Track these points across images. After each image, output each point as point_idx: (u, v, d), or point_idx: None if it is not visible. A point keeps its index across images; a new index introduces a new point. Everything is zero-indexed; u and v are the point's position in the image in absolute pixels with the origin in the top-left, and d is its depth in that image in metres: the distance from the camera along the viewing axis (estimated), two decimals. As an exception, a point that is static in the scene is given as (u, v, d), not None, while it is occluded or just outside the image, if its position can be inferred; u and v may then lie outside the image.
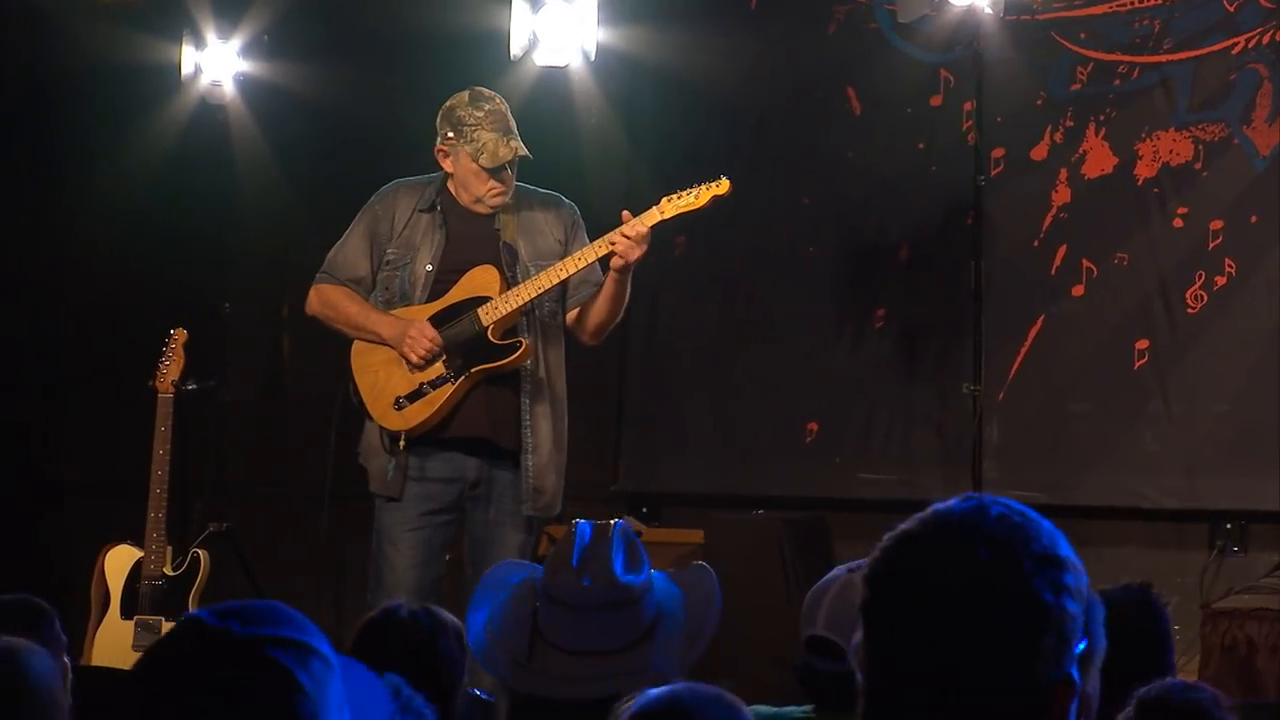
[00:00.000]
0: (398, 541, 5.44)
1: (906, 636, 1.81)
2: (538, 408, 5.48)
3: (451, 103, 5.59)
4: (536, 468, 5.47)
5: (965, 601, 1.78)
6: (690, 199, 5.46)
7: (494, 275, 5.47)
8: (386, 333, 5.48)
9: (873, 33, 7.97)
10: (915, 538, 1.84)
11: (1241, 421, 7.48)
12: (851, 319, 7.98)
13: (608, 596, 2.90)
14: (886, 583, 1.84)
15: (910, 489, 7.83)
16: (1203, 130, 7.54)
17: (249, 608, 1.81)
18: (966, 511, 1.84)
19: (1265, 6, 7.47)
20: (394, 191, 5.65)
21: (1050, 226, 7.70)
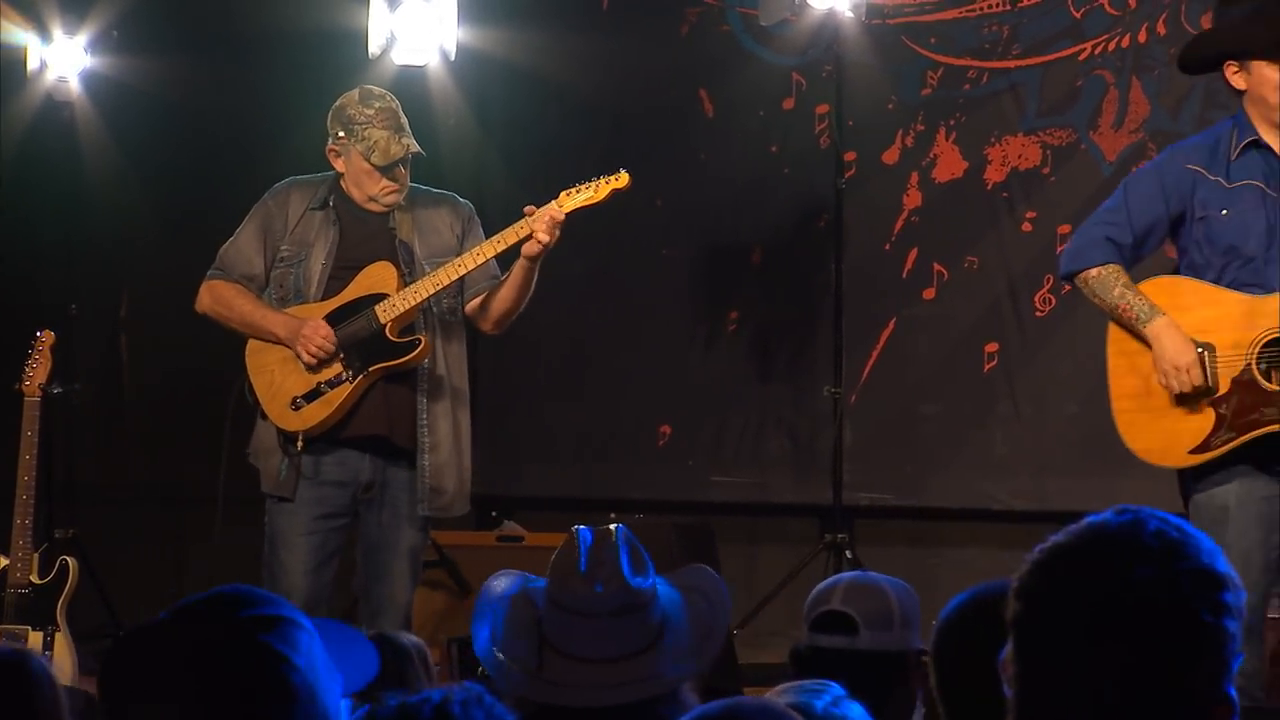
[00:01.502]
0: (291, 545, 5.35)
1: (1060, 653, 1.77)
2: (436, 406, 5.41)
3: (341, 102, 5.51)
4: (434, 467, 5.40)
5: (1121, 620, 1.74)
6: (589, 193, 5.42)
7: (391, 272, 5.39)
8: (281, 331, 5.38)
9: (725, 35, 7.98)
10: (1069, 552, 1.81)
11: (1090, 423, 7.55)
12: (704, 321, 7.98)
13: (620, 602, 2.84)
14: (1039, 598, 1.80)
15: (762, 491, 7.86)
16: (1051, 135, 7.63)
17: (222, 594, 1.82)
18: (1123, 526, 1.80)
19: (1111, 13, 7.57)
20: (286, 189, 5.56)
21: (901, 230, 7.75)
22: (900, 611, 3.30)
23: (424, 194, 5.56)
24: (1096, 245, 4.60)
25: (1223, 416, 4.39)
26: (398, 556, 5.37)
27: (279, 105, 7.66)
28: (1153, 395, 4.50)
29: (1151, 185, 4.59)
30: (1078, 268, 4.63)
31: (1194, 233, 4.50)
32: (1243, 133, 4.47)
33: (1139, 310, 4.48)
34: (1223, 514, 4.35)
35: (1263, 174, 4.42)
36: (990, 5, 7.71)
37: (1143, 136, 7.53)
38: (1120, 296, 4.52)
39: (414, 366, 5.37)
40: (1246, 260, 4.40)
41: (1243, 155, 4.46)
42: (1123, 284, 4.53)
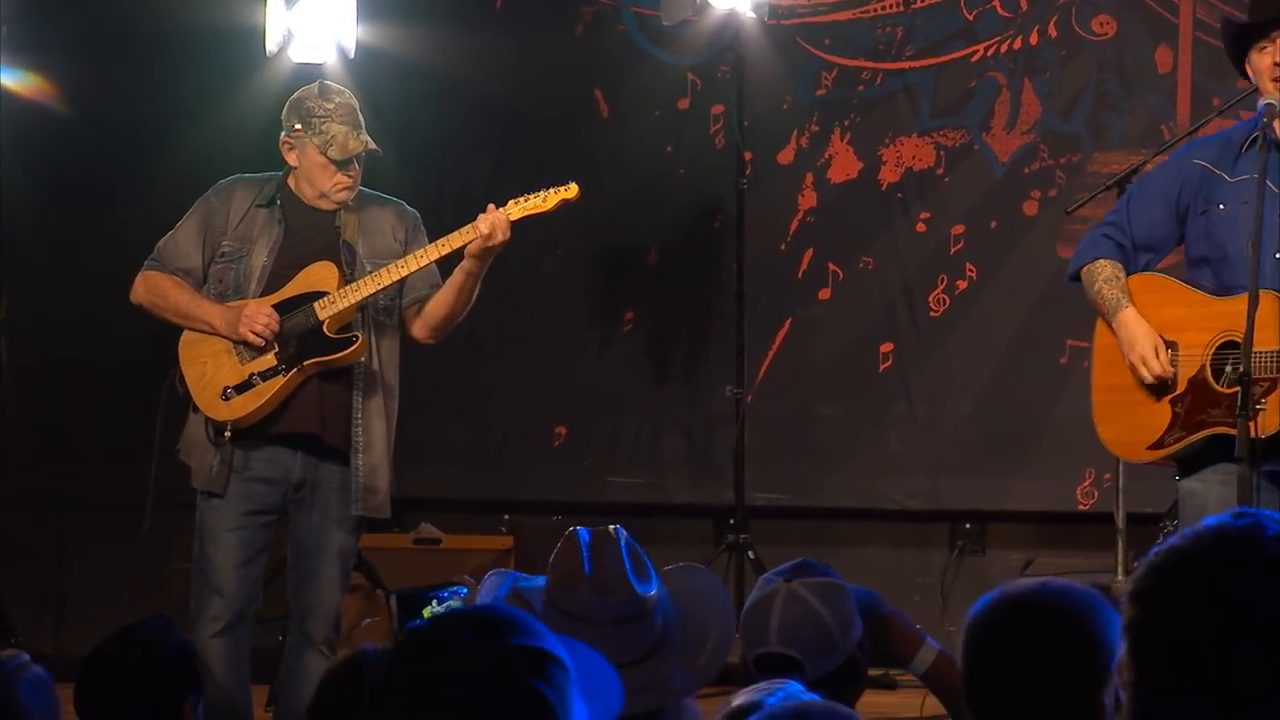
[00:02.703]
0: (219, 541, 5.27)
1: (1179, 658, 1.73)
2: (370, 405, 5.35)
3: (300, 94, 5.45)
4: (369, 466, 5.34)
5: (1242, 625, 1.71)
6: (537, 201, 5.40)
7: (332, 271, 5.33)
8: (218, 321, 5.31)
9: (620, 35, 7.96)
10: (1188, 556, 1.76)
11: (983, 423, 7.62)
12: (600, 322, 7.95)
13: (626, 610, 2.79)
14: (1158, 602, 1.75)
15: (659, 493, 7.84)
16: (944, 136, 7.66)
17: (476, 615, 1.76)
18: (1243, 529, 1.76)
19: (1003, 16, 7.62)
20: (231, 185, 5.48)
21: (797, 230, 7.76)
22: (838, 627, 3.17)
23: (371, 197, 5.52)
24: (1095, 244, 4.63)
25: (1177, 415, 4.42)
26: (328, 559, 5.31)
27: (174, 104, 7.56)
28: (1127, 390, 4.53)
29: (1155, 184, 4.62)
30: (1077, 266, 4.66)
31: (1196, 228, 4.51)
32: (1254, 126, 4.45)
33: (1110, 302, 4.52)
34: (1200, 512, 4.35)
35: (1271, 171, 4.40)
36: (884, 7, 7.73)
37: (1034, 138, 7.59)
38: (1098, 291, 4.56)
39: (349, 365, 5.32)
40: (1239, 256, 4.40)
41: (1251, 148, 4.44)
42: (1104, 278, 4.55)
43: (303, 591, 5.32)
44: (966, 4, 7.66)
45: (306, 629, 5.24)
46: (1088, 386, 7.34)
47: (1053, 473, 7.53)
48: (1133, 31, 7.55)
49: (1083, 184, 7.49)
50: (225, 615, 5.19)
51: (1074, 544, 7.35)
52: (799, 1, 7.68)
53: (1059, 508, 7.51)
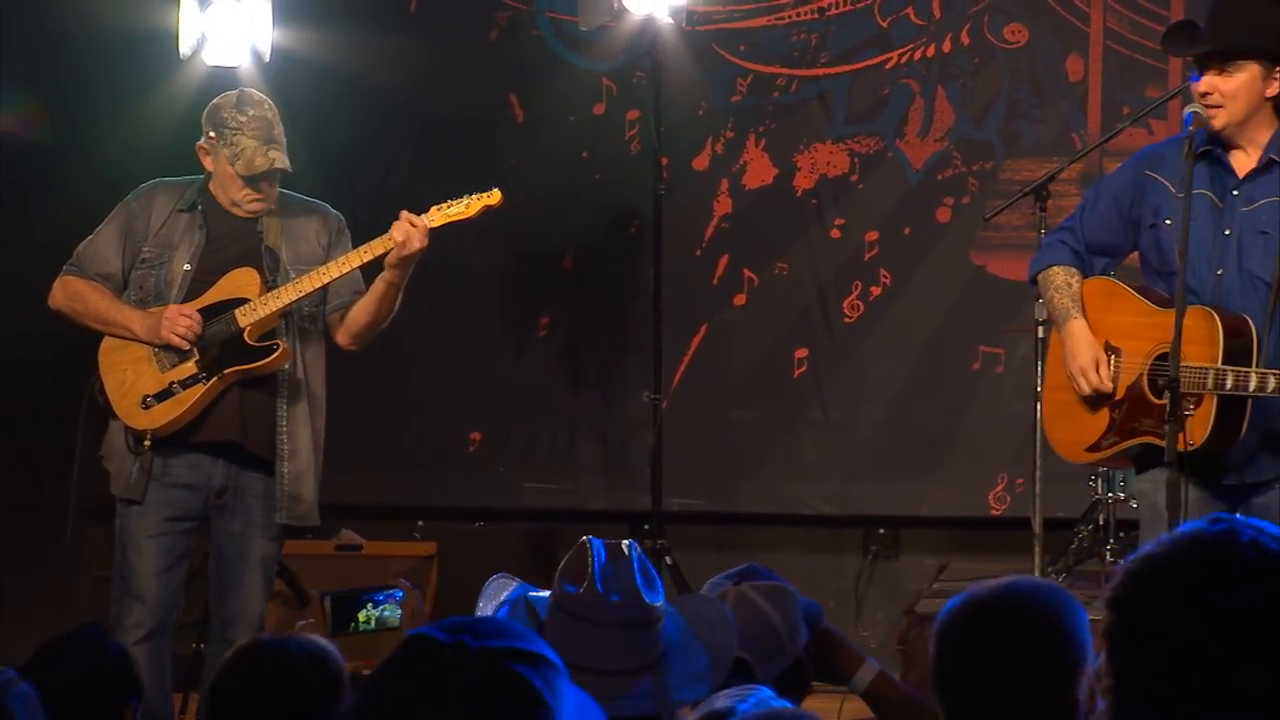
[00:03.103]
0: (140, 548, 5.22)
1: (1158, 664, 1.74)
2: (295, 412, 5.31)
3: (218, 101, 5.37)
4: (293, 474, 5.29)
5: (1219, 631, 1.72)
6: (460, 208, 5.35)
7: (253, 277, 5.27)
8: (138, 327, 5.24)
9: (535, 40, 7.94)
10: (1165, 563, 1.78)
11: (897, 428, 7.66)
12: (515, 328, 7.94)
13: (633, 615, 2.80)
14: (1135, 608, 1.77)
15: (574, 498, 7.83)
16: (858, 143, 7.70)
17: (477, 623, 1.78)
18: (1218, 535, 1.77)
19: (917, 23, 7.67)
20: (152, 190, 5.41)
21: (713, 236, 7.78)
22: (786, 630, 3.21)
23: (295, 201, 5.47)
24: (1051, 249, 4.67)
25: (1114, 420, 4.49)
26: (251, 566, 5.27)
27: (87, 107, 7.48)
28: (1070, 390, 4.57)
29: (1109, 193, 4.66)
30: (1034, 272, 4.70)
31: (1147, 240, 4.55)
32: (1202, 140, 4.48)
33: (1060, 311, 4.58)
34: (1153, 511, 4.39)
35: (1214, 184, 4.44)
36: (799, 14, 7.77)
37: (948, 145, 7.64)
38: (1050, 299, 4.63)
39: (273, 372, 5.27)
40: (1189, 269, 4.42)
41: (1198, 163, 4.47)
42: (1056, 285, 4.60)
43: (226, 599, 5.27)
44: (880, 11, 7.70)
45: (230, 636, 5.19)
46: (1000, 391, 7.52)
47: (966, 478, 7.58)
48: (1044, 40, 7.61)
49: (995, 191, 7.55)
50: (147, 623, 5.15)
51: (987, 549, 7.40)
52: (715, 8, 7.69)
53: (972, 512, 7.56)
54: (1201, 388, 4.29)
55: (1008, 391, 7.53)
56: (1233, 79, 4.39)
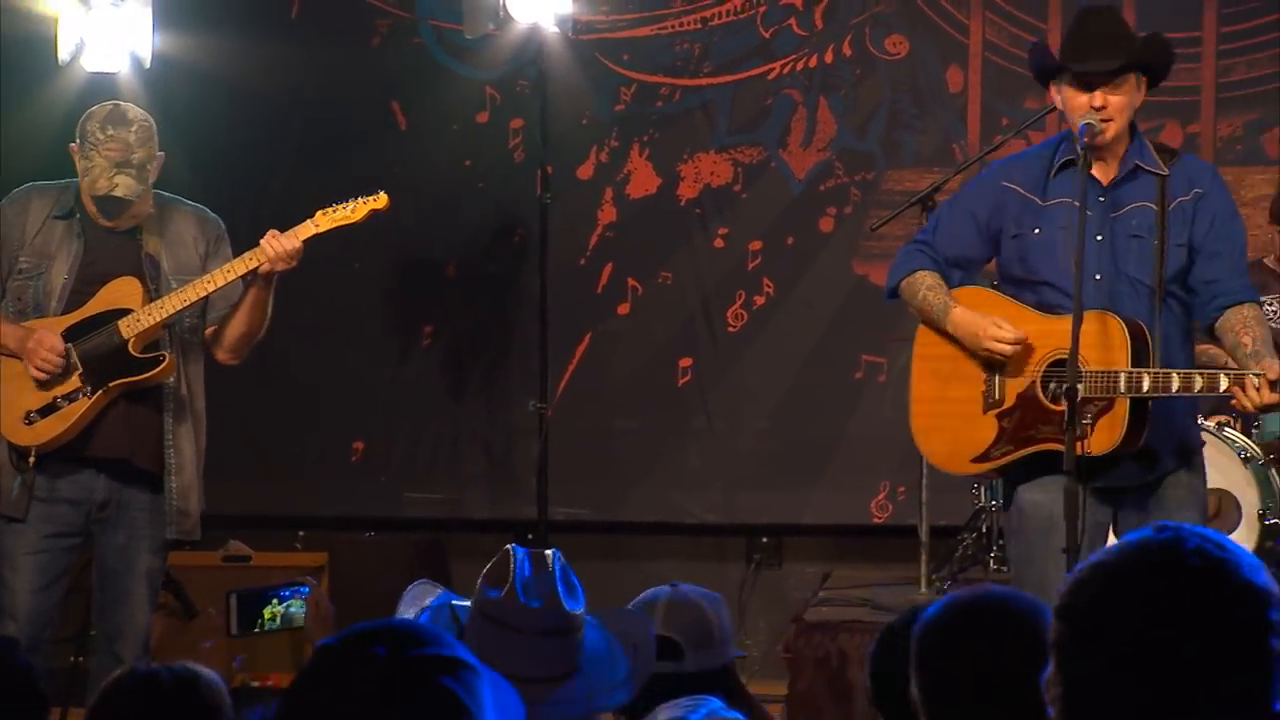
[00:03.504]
0: (17, 565, 5.09)
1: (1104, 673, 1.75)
2: (180, 427, 5.19)
3: (93, 110, 5.20)
4: (180, 489, 5.18)
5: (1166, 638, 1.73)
6: (346, 213, 5.26)
7: (136, 287, 5.13)
8: (12, 342, 5.10)
9: (417, 47, 7.91)
10: (1112, 571, 1.78)
11: (780, 437, 7.70)
12: (398, 336, 7.90)
13: (552, 622, 2.81)
14: (1084, 617, 1.78)
15: (458, 507, 7.80)
16: (742, 153, 7.74)
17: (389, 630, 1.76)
18: (1164, 544, 1.78)
19: (799, 34, 7.71)
20: (26, 195, 5.24)
21: (596, 245, 7.78)
22: (719, 627, 3.29)
23: (175, 205, 5.32)
24: (911, 257, 4.66)
25: (1004, 429, 4.46)
26: (136, 580, 5.16)
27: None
28: (948, 402, 4.55)
29: (965, 206, 4.65)
30: (893, 281, 4.67)
31: (1009, 250, 4.54)
32: (1062, 151, 4.54)
33: (938, 306, 4.53)
34: (1049, 523, 4.39)
35: (1077, 194, 4.49)
36: (682, 24, 7.78)
37: (830, 155, 7.69)
38: (923, 299, 4.57)
39: (157, 385, 5.16)
40: (1053, 280, 4.46)
41: (1060, 173, 4.52)
42: (926, 286, 4.57)
43: (111, 613, 5.18)
44: (763, 22, 7.74)
45: (116, 650, 5.09)
46: (882, 401, 7.57)
47: (848, 486, 7.63)
48: (925, 52, 7.68)
49: (877, 201, 7.61)
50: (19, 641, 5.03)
51: (869, 557, 7.45)
52: (598, 17, 7.70)
53: (855, 520, 7.61)
54: (1113, 391, 4.33)
55: (890, 400, 7.57)
56: (1122, 92, 4.47)
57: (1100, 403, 4.35)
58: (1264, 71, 7.50)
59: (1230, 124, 7.58)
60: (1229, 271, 4.53)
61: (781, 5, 7.73)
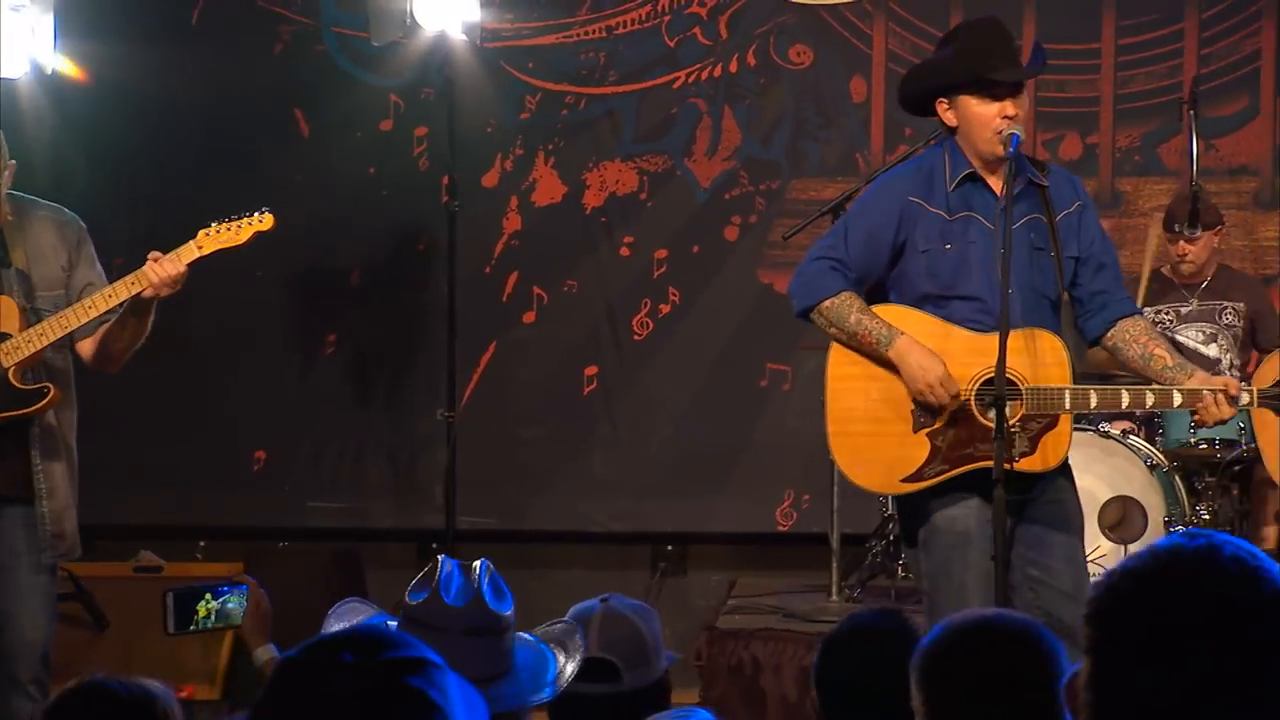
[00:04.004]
0: None
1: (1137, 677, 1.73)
2: (49, 450, 4.98)
3: None
4: (54, 513, 4.97)
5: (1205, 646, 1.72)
6: (230, 234, 5.10)
7: (11, 308, 4.89)
8: None
9: (320, 54, 7.86)
10: (1147, 576, 1.77)
11: (685, 445, 7.71)
12: (301, 344, 7.84)
13: (476, 621, 2.79)
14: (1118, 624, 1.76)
15: (362, 517, 7.75)
16: (647, 161, 7.75)
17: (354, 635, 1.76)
18: (1199, 550, 1.77)
19: (704, 43, 7.73)
20: None
21: (502, 253, 7.76)
22: (652, 642, 3.29)
23: (31, 208, 5.05)
24: (824, 275, 4.53)
25: (937, 448, 4.41)
26: (20, 597, 4.95)
27: None
28: (873, 422, 4.47)
29: (871, 219, 4.52)
30: (813, 301, 4.53)
31: (917, 265, 4.49)
32: (957, 165, 4.50)
33: (878, 334, 4.42)
34: (964, 538, 4.38)
35: (979, 207, 4.48)
36: (587, 32, 7.79)
37: (735, 164, 7.71)
38: (858, 323, 4.45)
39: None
40: (970, 295, 4.44)
41: (959, 188, 4.50)
42: (858, 309, 4.46)
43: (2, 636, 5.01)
44: (668, 31, 7.75)
45: (11, 671, 4.93)
46: (787, 409, 7.60)
47: (753, 494, 7.65)
48: (828, 61, 7.72)
49: (782, 210, 7.65)
50: None
51: (774, 564, 7.47)
52: (503, 25, 7.68)
53: (759, 528, 7.63)
54: (1057, 408, 4.34)
55: (794, 408, 7.62)
56: (1024, 101, 4.49)
57: (1044, 419, 4.36)
58: (1162, 83, 7.60)
59: (1129, 135, 7.67)
60: (1115, 283, 4.58)
61: (686, 14, 7.75)
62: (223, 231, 5.08)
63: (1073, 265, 4.51)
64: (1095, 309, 4.53)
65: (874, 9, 7.71)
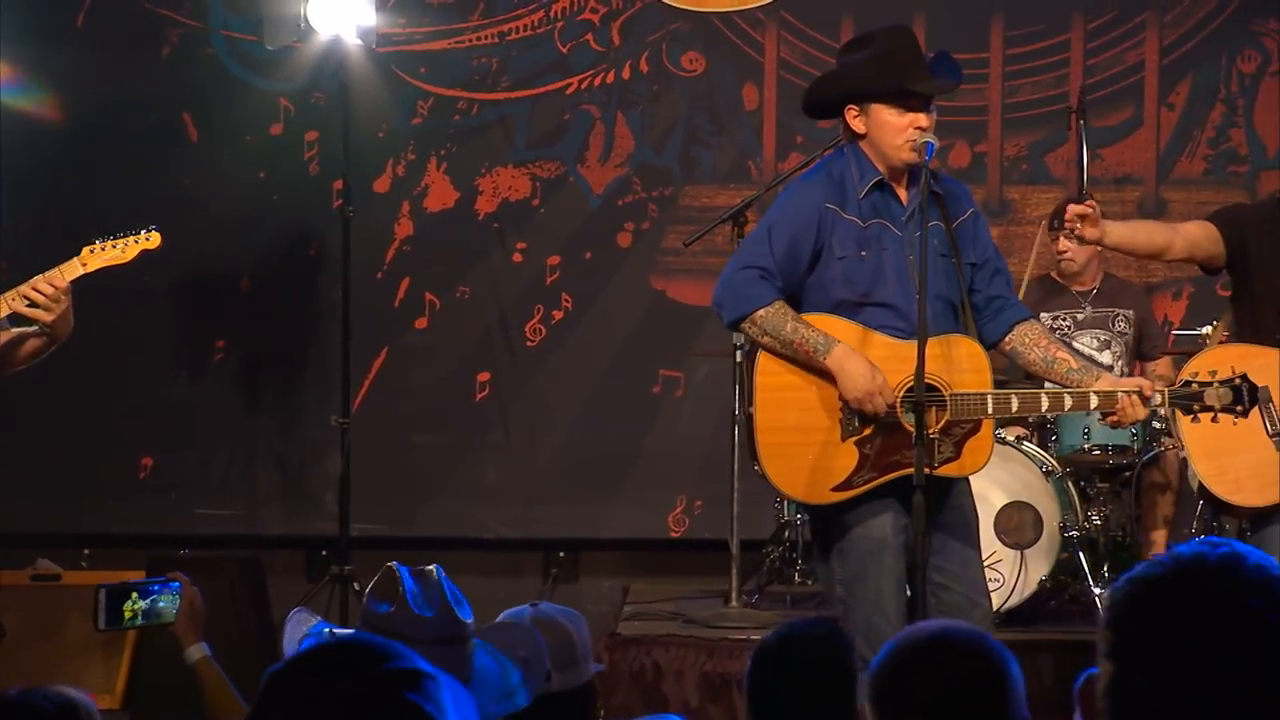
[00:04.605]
0: None
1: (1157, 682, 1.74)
2: None
3: None
4: None
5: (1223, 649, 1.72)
6: (115, 253, 5.04)
7: None
8: None
9: (209, 58, 7.79)
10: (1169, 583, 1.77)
11: (578, 452, 7.70)
12: (189, 350, 7.76)
13: (447, 630, 2.81)
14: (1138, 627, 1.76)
15: (251, 524, 7.68)
16: (540, 168, 7.74)
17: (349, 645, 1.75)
18: (1223, 558, 1.77)
19: (596, 50, 7.74)
20: None
21: (394, 259, 7.72)
22: (581, 645, 3.31)
23: None
24: (754, 284, 4.48)
25: (866, 456, 4.41)
26: None
27: None
28: (802, 430, 4.45)
29: (792, 224, 4.50)
30: (744, 311, 4.47)
31: (833, 272, 4.48)
32: (865, 172, 4.50)
33: (815, 343, 4.40)
34: (880, 544, 4.39)
35: (889, 214, 4.49)
36: (480, 38, 7.77)
37: (628, 171, 7.72)
38: (794, 332, 4.42)
39: None
40: (886, 301, 4.45)
41: (869, 195, 4.50)
42: (793, 318, 4.43)
43: None
44: (561, 37, 7.75)
45: None
46: (680, 415, 7.62)
47: (646, 500, 7.66)
48: (721, 69, 7.75)
49: (675, 217, 7.67)
50: None
51: (666, 570, 7.48)
52: (395, 30, 7.64)
53: (652, 535, 7.64)
54: (980, 412, 4.36)
55: (687, 415, 7.64)
56: (933, 111, 4.51)
57: (967, 424, 4.39)
58: (1049, 93, 7.69)
59: (1016, 144, 7.75)
60: (1009, 288, 4.64)
61: (579, 21, 7.76)
62: (108, 249, 5.03)
63: (970, 271, 4.55)
64: (992, 313, 4.57)
65: (766, 17, 7.75)
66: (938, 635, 2.38)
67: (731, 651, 5.82)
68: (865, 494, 4.41)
